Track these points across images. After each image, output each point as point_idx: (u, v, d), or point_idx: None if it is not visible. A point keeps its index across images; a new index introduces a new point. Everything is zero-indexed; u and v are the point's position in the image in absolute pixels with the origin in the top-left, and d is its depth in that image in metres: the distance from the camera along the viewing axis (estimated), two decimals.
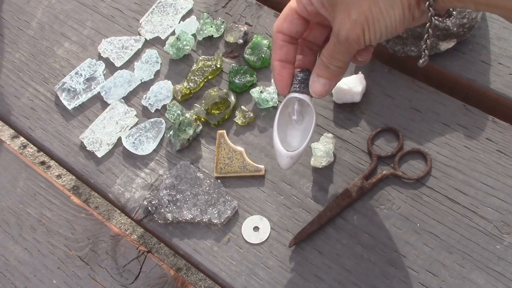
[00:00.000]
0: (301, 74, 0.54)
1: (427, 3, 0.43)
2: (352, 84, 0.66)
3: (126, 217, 1.48)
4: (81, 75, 0.76)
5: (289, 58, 0.54)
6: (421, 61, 0.49)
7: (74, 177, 1.48)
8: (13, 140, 1.70)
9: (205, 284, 1.39)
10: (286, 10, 0.53)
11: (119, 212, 1.46)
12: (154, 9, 0.78)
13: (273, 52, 0.54)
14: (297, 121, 0.56)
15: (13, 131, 0.76)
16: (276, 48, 0.54)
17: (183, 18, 0.77)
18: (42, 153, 1.24)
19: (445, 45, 0.66)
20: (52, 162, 1.62)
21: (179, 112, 0.68)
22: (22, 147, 1.70)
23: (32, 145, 0.73)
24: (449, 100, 0.65)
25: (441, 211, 0.59)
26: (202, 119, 0.69)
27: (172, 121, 0.68)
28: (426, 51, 0.49)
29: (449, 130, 0.63)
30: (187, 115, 0.67)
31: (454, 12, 0.62)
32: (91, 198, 1.60)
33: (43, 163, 1.66)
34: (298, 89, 0.54)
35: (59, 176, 1.65)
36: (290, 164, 0.55)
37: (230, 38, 0.74)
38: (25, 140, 0.88)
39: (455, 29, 0.64)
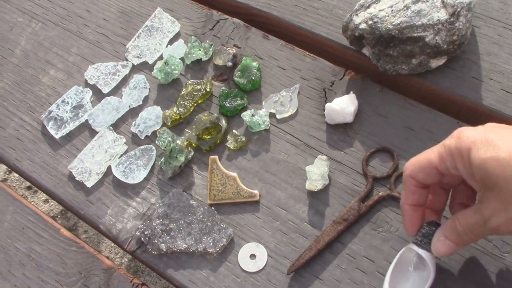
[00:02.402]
0: (427, 228, 0.53)
1: None
2: (344, 105, 0.65)
3: None
4: (67, 103, 0.74)
5: (421, 202, 0.53)
6: None
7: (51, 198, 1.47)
8: None
9: None
10: (423, 160, 0.50)
11: None
12: (140, 33, 0.77)
13: (404, 195, 0.53)
14: (412, 273, 0.54)
15: None
16: (408, 193, 0.52)
17: (171, 41, 0.76)
18: None
19: (435, 63, 0.66)
20: None
21: (169, 139, 0.67)
22: (7, 172, 1.67)
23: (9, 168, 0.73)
24: (442, 118, 0.65)
25: None
26: (194, 144, 0.68)
27: (163, 148, 0.67)
28: None
29: None
30: (178, 141, 0.66)
31: None
32: (80, 222, 1.57)
33: (29, 188, 1.63)
34: (419, 243, 0.53)
35: (46, 201, 1.62)
36: None
37: (219, 61, 0.73)
38: None
39: (445, 46, 0.64)
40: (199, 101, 0.71)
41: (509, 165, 0.43)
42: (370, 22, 0.65)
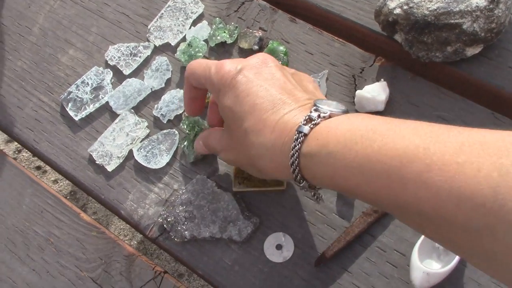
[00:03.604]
0: None
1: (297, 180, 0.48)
2: (375, 92, 0.63)
3: (124, 222, 1.45)
4: (87, 84, 0.72)
5: (197, 97, 0.61)
6: (318, 201, 0.54)
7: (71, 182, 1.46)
8: (7, 144, 1.66)
9: None
10: (200, 69, 0.56)
11: (117, 217, 1.44)
12: (163, 13, 0.75)
13: (184, 88, 0.60)
14: (441, 251, 0.55)
15: (7, 135, 0.73)
16: (186, 88, 0.60)
17: (194, 23, 0.74)
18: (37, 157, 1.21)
19: (471, 51, 0.64)
20: (48, 167, 1.58)
21: (194, 121, 0.65)
22: (17, 152, 1.66)
23: (27, 149, 0.71)
24: (477, 108, 0.63)
25: None
26: None
27: (187, 131, 0.65)
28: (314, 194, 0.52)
29: None
30: (204, 125, 0.64)
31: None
32: (89, 203, 1.57)
33: (38, 168, 1.62)
34: None
35: (55, 181, 1.61)
36: (425, 283, 0.53)
37: (245, 44, 0.70)
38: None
39: (482, 34, 0.62)
40: None
41: (240, 118, 0.50)
42: (405, 7, 0.62)
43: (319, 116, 0.46)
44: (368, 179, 0.40)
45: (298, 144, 0.45)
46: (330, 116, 0.47)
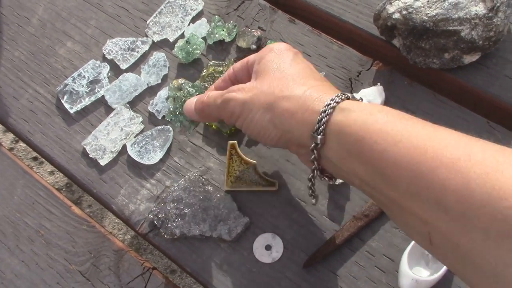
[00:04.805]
0: None
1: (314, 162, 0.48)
2: (371, 96, 0.63)
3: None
4: (84, 77, 0.72)
5: (222, 88, 0.58)
6: (313, 201, 0.54)
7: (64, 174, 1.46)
8: (5, 134, 1.66)
9: (200, 287, 1.36)
10: (244, 59, 0.57)
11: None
12: (162, 9, 0.75)
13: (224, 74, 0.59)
14: (429, 259, 0.55)
15: None
16: (227, 73, 0.59)
17: (193, 20, 0.74)
18: None
19: (469, 58, 0.64)
20: None
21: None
22: (14, 141, 1.65)
23: (21, 140, 0.70)
24: (472, 116, 0.62)
25: None
26: (214, 126, 0.66)
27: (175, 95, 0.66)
28: (312, 192, 0.53)
29: None
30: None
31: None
32: (84, 196, 1.56)
33: (35, 158, 1.62)
34: None
35: (52, 173, 1.61)
36: None
37: (243, 43, 0.70)
38: None
39: (480, 42, 0.61)
40: None
41: (286, 67, 0.51)
42: (404, 12, 0.62)
43: (362, 99, 0.49)
44: (404, 146, 0.39)
45: (342, 95, 0.46)
46: None
